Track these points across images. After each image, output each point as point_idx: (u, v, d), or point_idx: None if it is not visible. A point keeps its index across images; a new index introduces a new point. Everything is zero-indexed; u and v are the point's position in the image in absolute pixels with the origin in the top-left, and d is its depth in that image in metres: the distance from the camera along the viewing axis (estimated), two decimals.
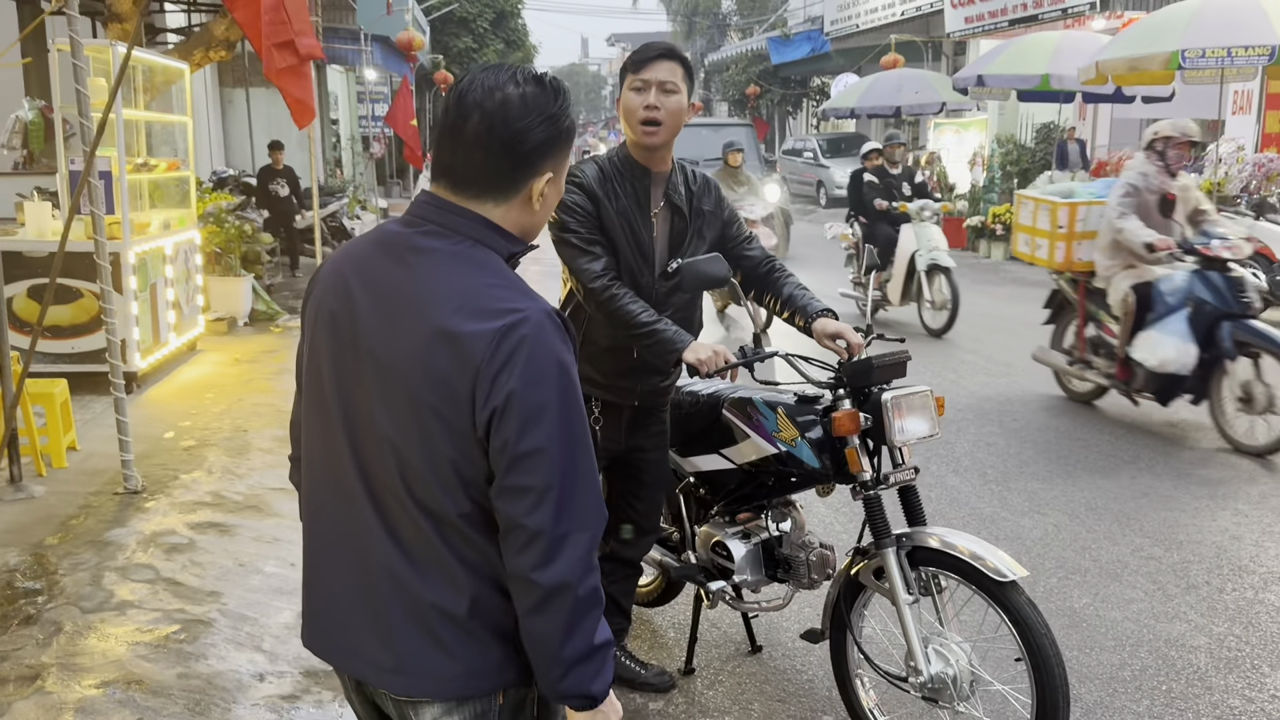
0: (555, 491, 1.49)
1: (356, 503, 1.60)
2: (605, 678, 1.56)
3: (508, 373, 1.47)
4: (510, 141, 1.56)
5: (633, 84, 2.98)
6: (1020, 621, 2.71)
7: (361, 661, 1.64)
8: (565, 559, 1.50)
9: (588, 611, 1.52)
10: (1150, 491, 5.34)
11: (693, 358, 2.91)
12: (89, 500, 4.85)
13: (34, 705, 3.11)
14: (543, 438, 1.48)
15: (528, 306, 1.52)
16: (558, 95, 1.60)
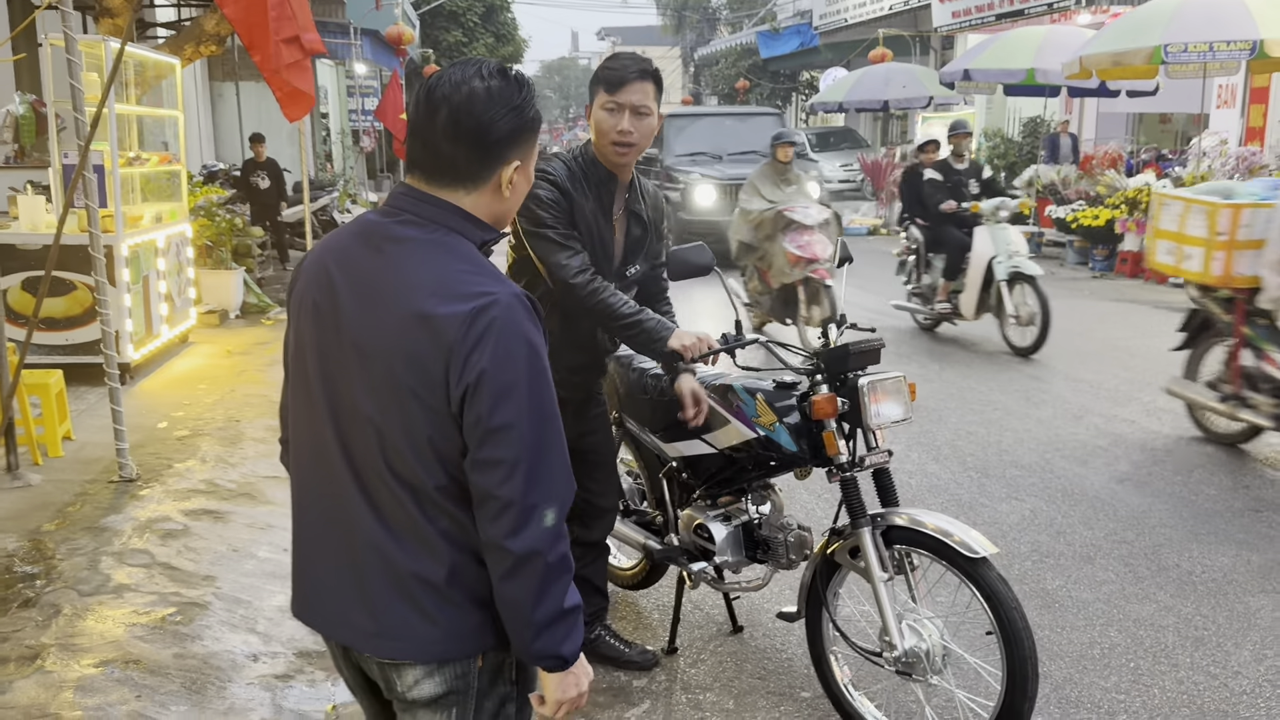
0: (525, 464, 1.58)
1: (341, 480, 1.69)
2: (575, 640, 1.66)
3: (479, 352, 1.56)
4: (477, 132, 1.65)
5: (606, 104, 3.01)
6: (991, 596, 2.81)
7: (347, 629, 1.73)
8: (535, 528, 1.59)
9: (557, 577, 1.62)
10: (1127, 478, 5.46)
11: (677, 344, 3.03)
12: (85, 488, 4.93)
13: (34, 684, 3.19)
14: (512, 413, 1.58)
15: (498, 290, 1.61)
16: (521, 88, 1.69)
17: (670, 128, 14.79)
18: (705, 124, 15.57)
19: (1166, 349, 6.45)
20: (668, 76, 34.22)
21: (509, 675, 1.77)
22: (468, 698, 1.74)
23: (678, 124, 15.30)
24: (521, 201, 1.78)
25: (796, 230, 8.01)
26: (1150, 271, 12.10)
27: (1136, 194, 12.68)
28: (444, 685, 1.72)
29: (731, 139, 14.90)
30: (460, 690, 1.73)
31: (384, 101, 16.80)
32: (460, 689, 1.73)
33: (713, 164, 14.29)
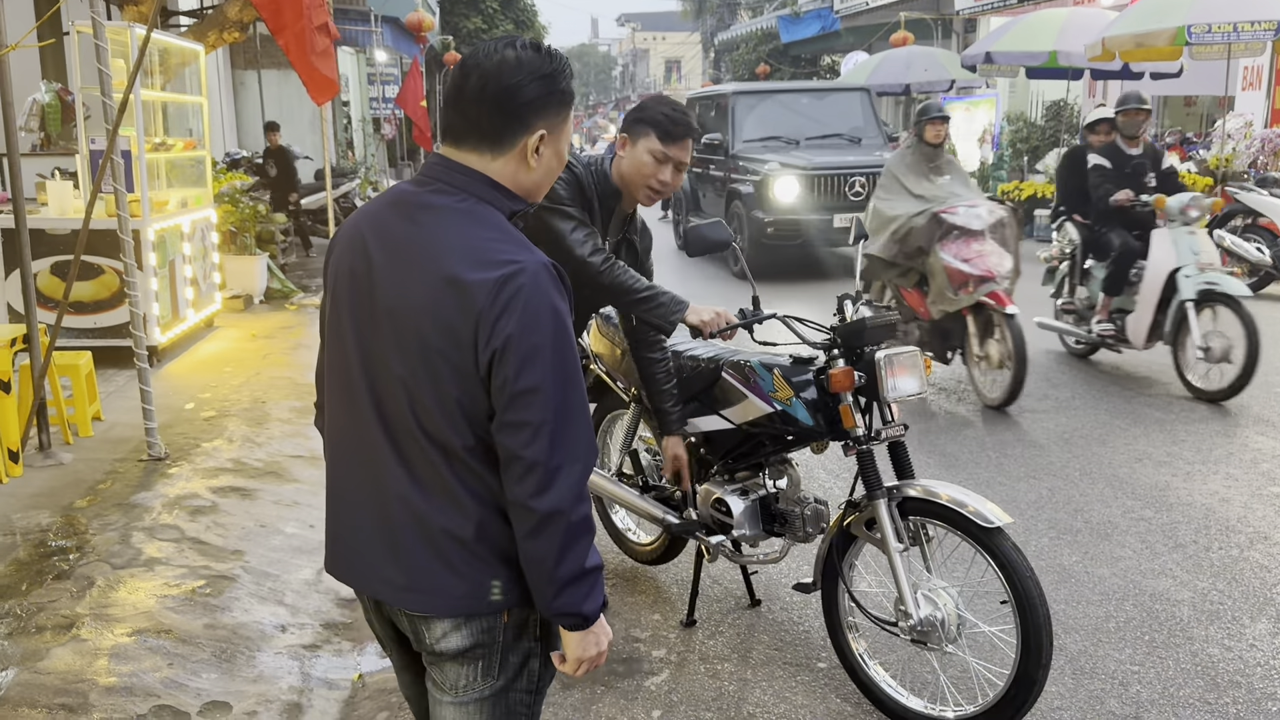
0: (549, 426, 1.63)
1: (373, 439, 1.75)
2: (595, 599, 1.72)
3: (506, 318, 1.61)
4: (502, 96, 1.70)
5: (655, 151, 3.14)
6: (1005, 565, 2.85)
7: (379, 583, 1.80)
8: (559, 488, 1.64)
9: (579, 536, 1.67)
10: (1145, 457, 5.47)
11: (695, 320, 3.08)
12: (115, 466, 5.03)
13: (70, 651, 3.29)
14: (537, 377, 1.62)
15: (526, 258, 1.66)
16: (553, 59, 1.75)
17: (738, 107, 12.80)
18: (780, 103, 13.20)
19: None
20: (688, 62, 33.90)
21: (533, 631, 1.83)
22: (493, 651, 1.79)
23: (747, 103, 12.98)
24: (551, 177, 1.81)
25: (961, 238, 6.09)
26: None
27: None
28: (471, 639, 1.77)
29: (811, 120, 12.83)
30: (486, 644, 1.78)
31: (404, 89, 16.86)
32: (486, 642, 1.78)
33: (789, 150, 12.07)
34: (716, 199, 12.99)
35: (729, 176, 12.42)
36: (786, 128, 12.64)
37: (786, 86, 14.73)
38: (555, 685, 3.36)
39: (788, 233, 11.38)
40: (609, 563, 4.30)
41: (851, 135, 12.79)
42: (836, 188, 11.38)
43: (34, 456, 5.05)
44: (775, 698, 3.30)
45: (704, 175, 13.62)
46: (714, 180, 13.11)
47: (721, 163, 12.77)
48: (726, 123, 12.75)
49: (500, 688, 1.82)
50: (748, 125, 12.69)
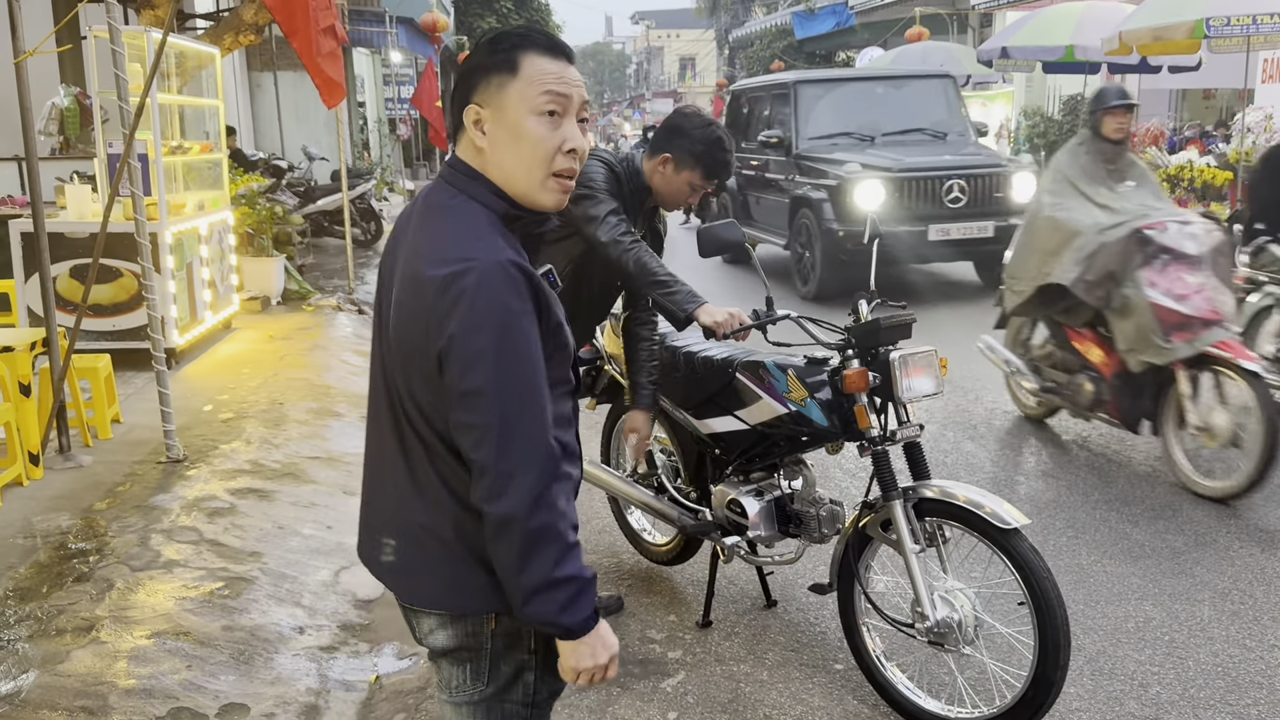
0: (495, 430, 1.60)
1: (385, 428, 1.79)
2: (576, 611, 1.65)
3: (451, 317, 1.60)
4: (457, 79, 1.76)
5: (695, 183, 3.34)
6: (1022, 566, 2.83)
7: (381, 569, 1.84)
8: (512, 494, 1.60)
9: (541, 544, 1.61)
10: (1165, 458, 5.42)
11: (709, 320, 3.08)
12: (134, 468, 5.06)
13: (90, 653, 3.31)
14: (480, 380, 1.60)
15: (480, 256, 1.62)
16: (500, 33, 1.74)
17: (803, 99, 10.89)
18: (851, 93, 11.31)
19: None
20: (702, 59, 33.56)
21: (528, 644, 1.80)
22: (481, 656, 1.78)
23: (813, 93, 11.03)
24: (522, 167, 1.70)
25: (1171, 264, 4.74)
26: None
27: (1179, 171, 12.50)
28: (455, 640, 1.77)
29: (887, 113, 11.02)
30: (472, 648, 1.78)
31: (419, 89, 16.90)
32: (472, 646, 1.77)
33: (864, 148, 10.33)
34: (775, 206, 11.14)
35: (792, 180, 10.55)
36: (859, 122, 10.84)
37: (858, 74, 12.76)
38: (571, 686, 3.37)
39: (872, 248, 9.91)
40: (624, 563, 4.30)
41: (935, 130, 10.96)
42: (931, 193, 9.54)
43: (54, 459, 5.09)
44: (791, 699, 3.29)
45: (757, 178, 11.77)
46: (771, 184, 11.27)
47: (783, 164, 10.87)
48: (788, 117, 10.90)
49: (490, 695, 1.81)
50: (814, 119, 10.82)
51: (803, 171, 10.40)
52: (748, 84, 13.28)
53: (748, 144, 11.84)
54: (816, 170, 10.12)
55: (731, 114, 13.10)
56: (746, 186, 12.19)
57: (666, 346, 3.70)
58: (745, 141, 11.99)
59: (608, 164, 3.31)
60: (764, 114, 11.83)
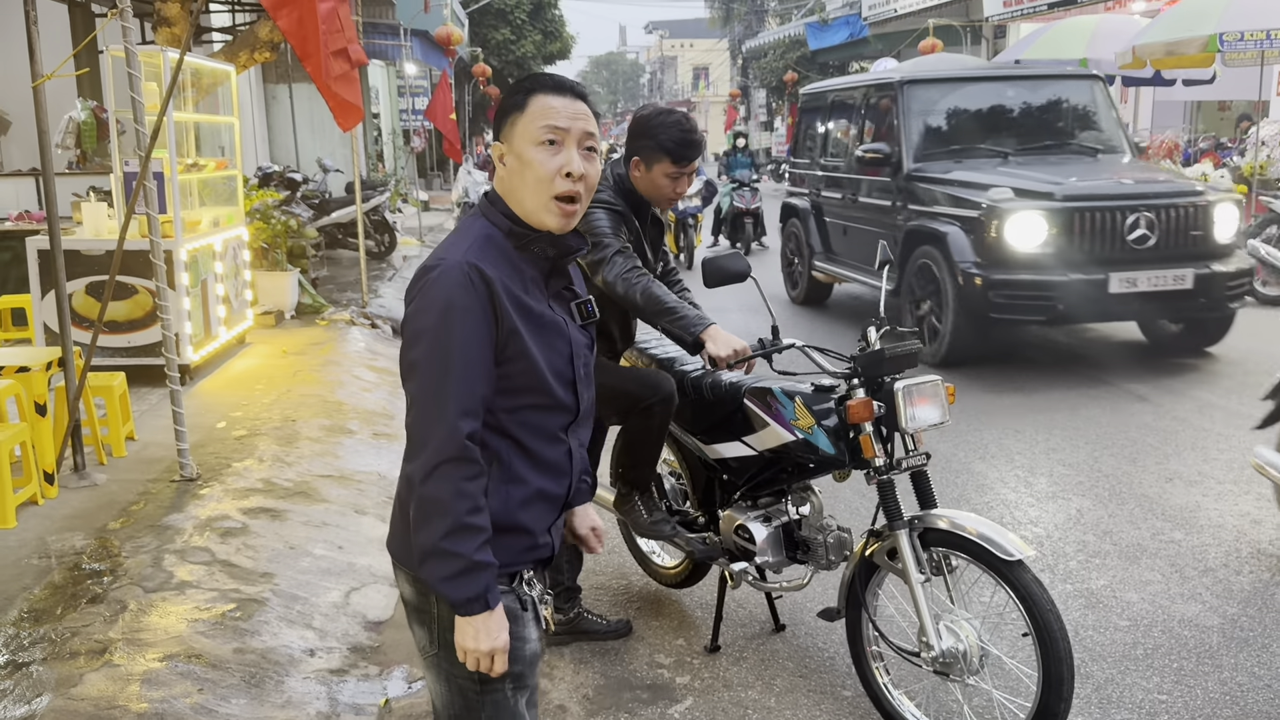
0: (418, 402, 1.84)
1: None
2: (460, 589, 1.81)
3: (412, 304, 1.87)
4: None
5: (669, 171, 3.39)
6: (1026, 598, 2.84)
7: None
8: (416, 460, 1.83)
9: (432, 514, 1.81)
10: (1175, 476, 5.41)
11: (713, 351, 3.10)
12: (148, 487, 5.10)
13: (103, 676, 3.34)
14: (416, 354, 1.84)
15: (450, 257, 1.86)
16: (520, 81, 1.98)
17: (912, 103, 8.62)
18: (974, 96, 9.00)
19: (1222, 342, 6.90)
20: (715, 69, 33.45)
21: None
22: (431, 620, 1.95)
23: (925, 96, 8.75)
24: (529, 188, 1.89)
25: None
26: None
27: None
28: (410, 594, 1.97)
29: (1020, 121, 8.85)
30: (422, 608, 1.96)
31: (434, 101, 16.98)
32: (421, 606, 1.96)
33: (996, 167, 8.05)
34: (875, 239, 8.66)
35: (903, 207, 8.37)
36: (986, 133, 8.69)
37: (984, 72, 9.94)
38: (579, 712, 3.39)
39: (1029, 301, 7.17)
40: (633, 585, 4.31)
41: (1085, 144, 8.74)
42: (1111, 230, 7.18)
43: (69, 477, 5.14)
44: None
45: (844, 203, 9.62)
46: (867, 211, 9.11)
47: (885, 186, 8.69)
48: (893, 126, 8.65)
49: (439, 659, 1.96)
50: (929, 129, 8.67)
51: (917, 197, 8.21)
52: (827, 86, 10.94)
53: (827, 160, 10.28)
54: (941, 195, 7.91)
55: (805, 123, 11.10)
56: (827, 213, 10.10)
57: (674, 371, 3.72)
58: (824, 156, 10.40)
59: (606, 205, 3.39)
60: (853, 123, 9.73)
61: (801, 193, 10.95)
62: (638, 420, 3.50)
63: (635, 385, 3.48)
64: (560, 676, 3.60)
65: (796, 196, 11.04)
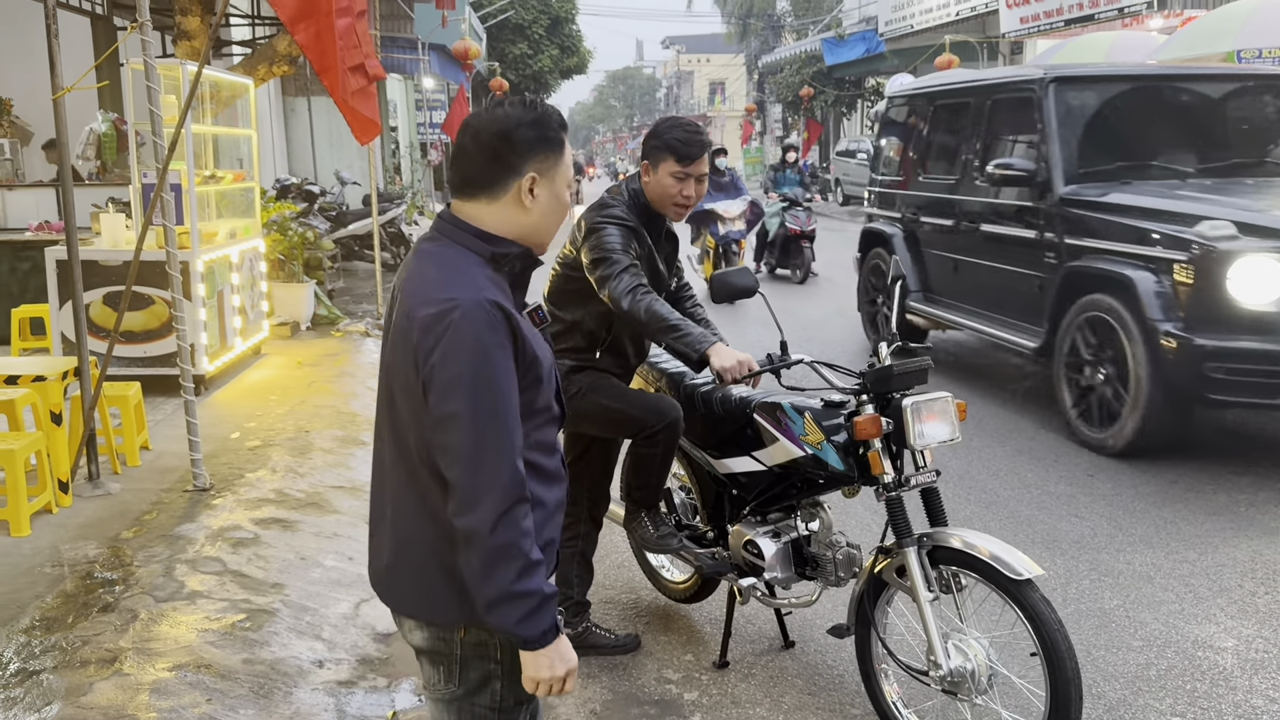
0: (467, 451, 1.78)
1: (385, 447, 1.98)
2: (534, 624, 1.82)
3: (436, 349, 1.79)
4: (493, 144, 1.90)
5: (675, 172, 3.38)
6: (1034, 617, 2.82)
7: (373, 574, 2.06)
8: (479, 511, 1.78)
9: (503, 560, 1.78)
10: (1191, 496, 5.37)
11: (718, 365, 3.10)
12: (161, 497, 5.13)
13: (113, 685, 3.35)
14: (456, 405, 1.78)
15: (464, 296, 1.81)
16: (537, 109, 1.94)
17: (1064, 109, 6.71)
18: (1135, 102, 7.12)
19: None
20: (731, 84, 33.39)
21: (494, 654, 1.96)
22: (452, 661, 1.96)
23: (1078, 101, 6.85)
24: (553, 220, 1.96)
25: None
26: None
27: None
28: (428, 642, 1.96)
29: (1200, 134, 7.09)
30: (444, 652, 1.96)
31: (451, 115, 17.12)
32: (443, 650, 1.95)
33: (1175, 191, 6.31)
34: (1009, 281, 7.08)
35: (1058, 242, 6.49)
36: (1155, 148, 6.95)
37: (1152, 71, 8.05)
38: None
39: (1266, 379, 5.37)
40: (642, 600, 4.31)
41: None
42: None
43: (83, 486, 5.17)
44: None
45: (964, 230, 7.63)
46: (1004, 245, 7.13)
47: (1032, 213, 6.76)
48: (1038, 138, 6.78)
49: (460, 696, 1.98)
50: (1085, 142, 6.76)
51: (1078, 228, 6.34)
52: (928, 85, 9.01)
53: (927, 177, 8.35)
54: (1118, 228, 6.03)
55: (891, 132, 9.31)
56: (928, 243, 8.28)
57: (684, 386, 3.72)
58: (922, 173, 8.42)
59: (617, 220, 3.38)
60: (969, 132, 7.74)
61: (889, 216, 8.88)
62: (644, 446, 3.51)
63: (641, 411, 3.47)
64: (567, 692, 3.59)
65: (882, 221, 8.98)
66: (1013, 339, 6.96)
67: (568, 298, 3.51)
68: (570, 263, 3.48)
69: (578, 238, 3.43)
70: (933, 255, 8.26)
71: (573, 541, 3.66)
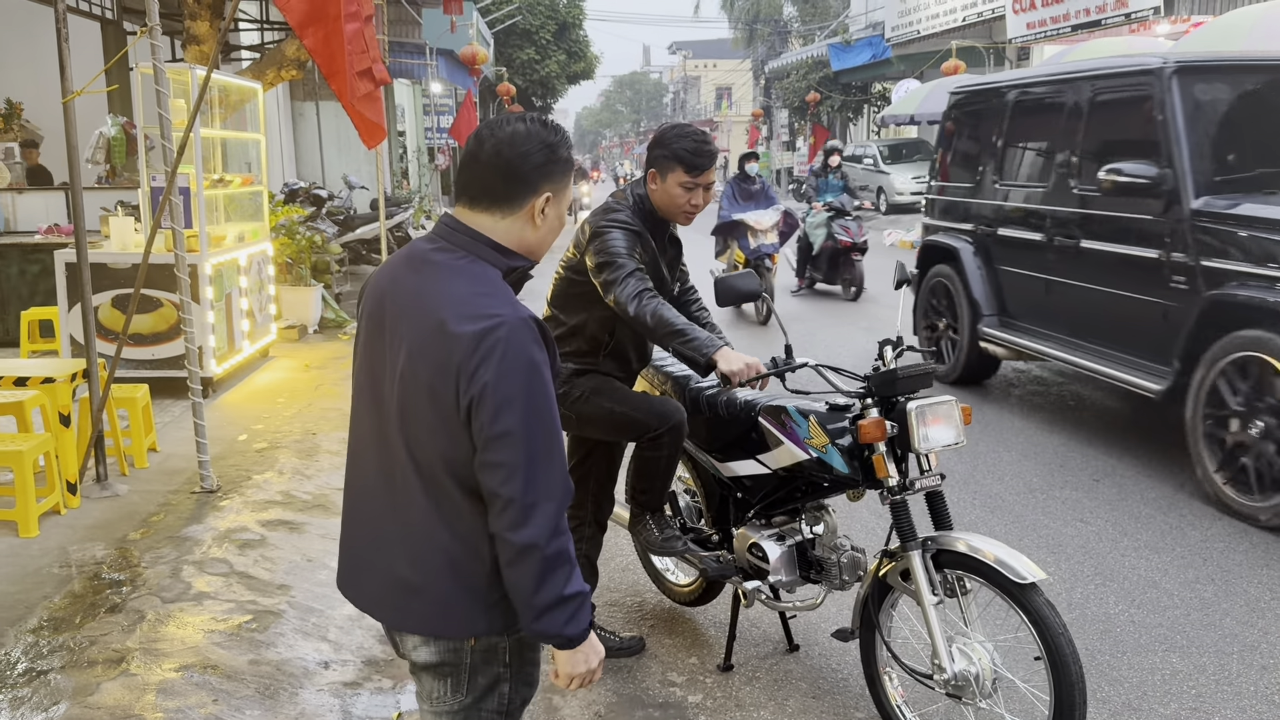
0: (522, 467, 1.79)
1: (372, 467, 1.96)
2: (579, 623, 1.87)
3: (484, 367, 1.78)
4: (513, 162, 1.91)
5: (684, 182, 3.38)
6: (1038, 622, 2.82)
7: (365, 597, 2.04)
8: (534, 523, 1.80)
9: (556, 567, 1.82)
10: (1197, 501, 5.36)
11: (725, 368, 3.11)
12: (168, 498, 5.15)
13: (120, 685, 3.37)
14: (511, 422, 1.79)
15: (507, 313, 1.82)
16: (556, 132, 1.96)
17: (1181, 105, 5.65)
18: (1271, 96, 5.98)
19: None
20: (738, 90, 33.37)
21: (503, 658, 1.98)
22: (461, 670, 1.97)
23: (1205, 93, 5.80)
24: (553, 235, 1.99)
25: None
26: None
27: None
28: (437, 656, 1.95)
29: None
30: (453, 663, 1.96)
31: (458, 120, 17.15)
32: (453, 662, 1.96)
33: None
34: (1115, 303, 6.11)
35: (1194, 266, 5.46)
36: None
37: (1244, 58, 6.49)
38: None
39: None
40: (647, 603, 4.32)
41: None
42: None
43: (91, 488, 5.20)
44: None
45: (1059, 246, 6.60)
46: (1114, 266, 6.10)
47: (1155, 229, 5.74)
48: (1162, 142, 5.70)
49: (468, 704, 1.99)
50: (1220, 146, 5.80)
51: (1217, 248, 5.34)
52: (1012, 79, 7.70)
53: (1006, 184, 7.33)
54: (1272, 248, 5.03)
55: (961, 132, 8.18)
56: (1008, 260, 7.27)
57: (689, 389, 3.73)
58: (998, 179, 7.40)
59: (623, 225, 3.38)
60: (1062, 132, 6.71)
61: (956, 229, 7.84)
62: (649, 449, 3.52)
63: (645, 414, 3.48)
64: (572, 694, 3.60)
65: (947, 234, 7.94)
66: (1128, 378, 5.89)
67: (571, 301, 3.51)
68: (574, 266, 3.48)
69: (582, 241, 3.43)
70: (1013, 274, 7.19)
71: (578, 545, 3.67)
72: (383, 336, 1.93)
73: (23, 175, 10.08)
